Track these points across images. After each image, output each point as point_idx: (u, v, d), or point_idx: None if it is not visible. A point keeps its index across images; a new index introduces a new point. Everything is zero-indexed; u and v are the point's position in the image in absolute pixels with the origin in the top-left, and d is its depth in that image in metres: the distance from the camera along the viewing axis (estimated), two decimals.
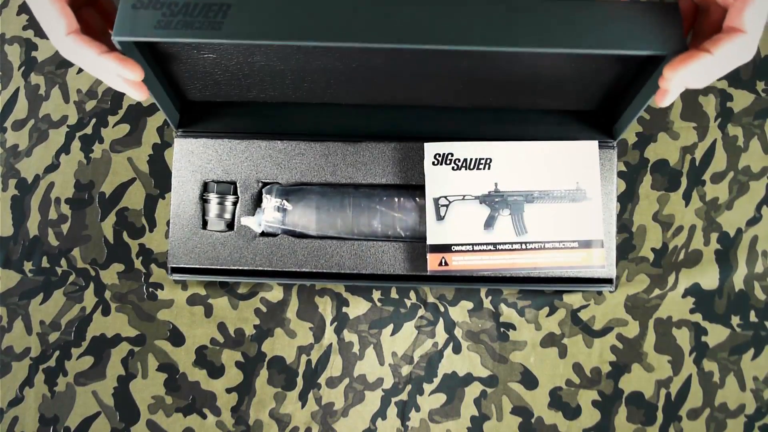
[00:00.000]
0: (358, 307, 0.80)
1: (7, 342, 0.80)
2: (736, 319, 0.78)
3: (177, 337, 0.79)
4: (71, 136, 0.84)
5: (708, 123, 0.82)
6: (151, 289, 0.81)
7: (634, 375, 0.77)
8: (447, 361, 0.78)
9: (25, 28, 0.88)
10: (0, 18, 0.88)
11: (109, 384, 0.79)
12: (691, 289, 0.79)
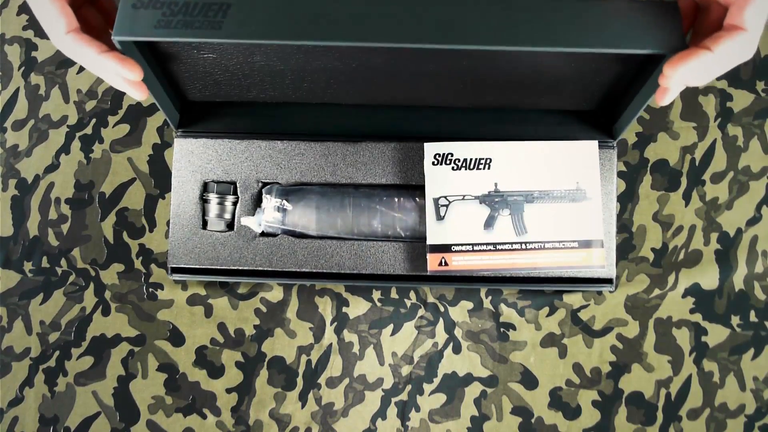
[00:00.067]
0: (358, 307, 0.80)
1: (7, 342, 0.80)
2: (736, 319, 0.78)
3: (177, 337, 0.79)
4: (71, 136, 0.84)
5: (708, 123, 0.82)
6: (151, 289, 0.81)
7: (634, 375, 0.77)
8: (447, 361, 0.78)
9: (25, 28, 0.88)
10: (0, 18, 0.88)
11: (109, 384, 0.79)
12: (691, 289, 0.79)
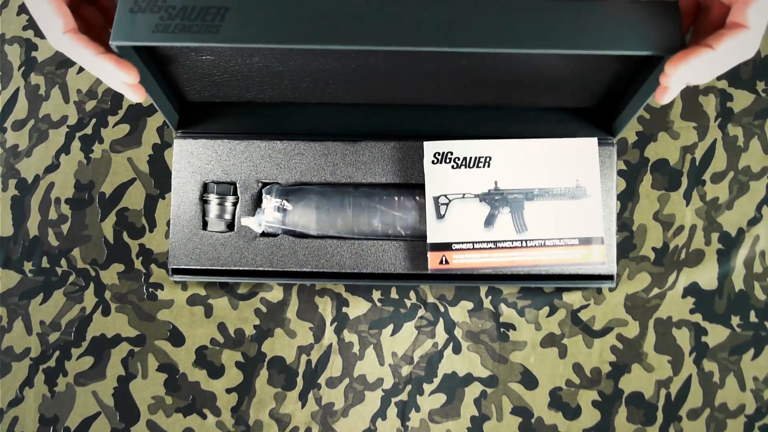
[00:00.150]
0: (358, 307, 0.80)
1: (7, 342, 0.80)
2: (736, 319, 0.78)
3: (177, 337, 0.79)
4: (71, 136, 0.84)
5: (708, 123, 0.82)
6: (151, 290, 0.81)
7: (634, 375, 0.77)
8: (447, 362, 0.78)
9: (25, 28, 0.88)
10: (0, 18, 0.88)
11: (109, 384, 0.79)
12: (691, 289, 0.79)
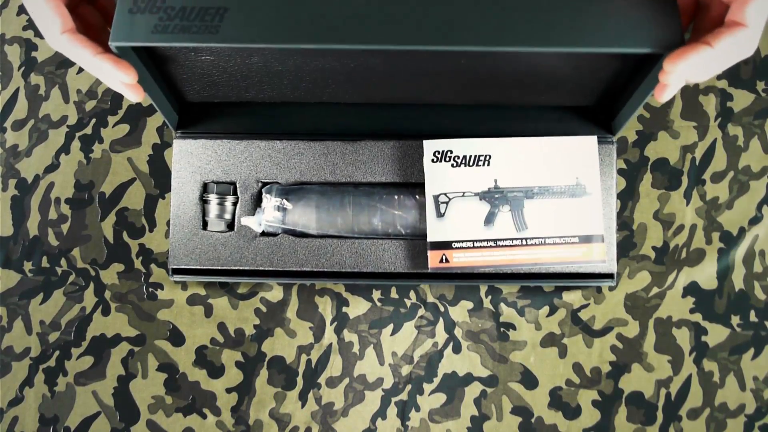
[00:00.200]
0: (358, 306, 0.80)
1: (7, 342, 0.80)
2: (736, 319, 0.78)
3: (177, 337, 0.79)
4: (71, 136, 0.84)
5: (708, 122, 0.82)
6: (151, 289, 0.80)
7: (634, 375, 0.77)
8: (447, 361, 0.78)
9: (25, 28, 0.88)
10: (0, 18, 0.88)
11: (109, 384, 0.79)
12: (691, 289, 0.78)
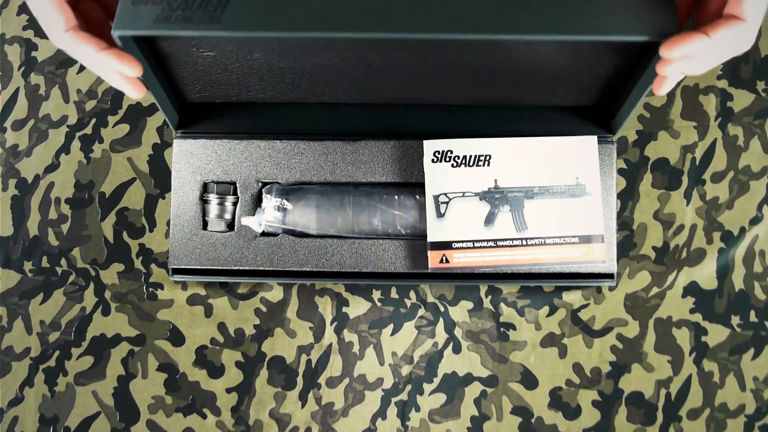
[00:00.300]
0: (358, 307, 0.80)
1: (7, 342, 0.80)
2: (736, 319, 0.78)
3: (177, 337, 0.79)
4: (71, 136, 0.84)
5: (708, 122, 0.82)
6: (151, 289, 0.80)
7: (634, 375, 0.77)
8: (447, 361, 0.78)
9: (25, 28, 0.88)
10: (0, 18, 0.88)
11: (109, 384, 0.79)
12: (691, 289, 0.78)
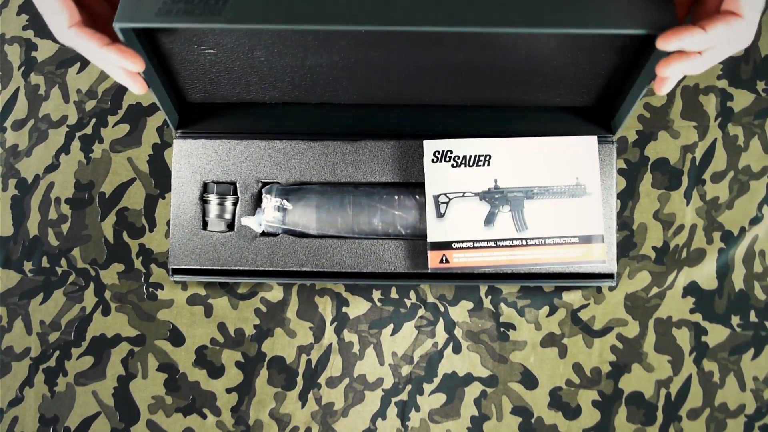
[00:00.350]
0: (358, 307, 0.80)
1: (7, 342, 0.80)
2: (736, 319, 0.78)
3: (177, 337, 0.79)
4: (71, 136, 0.84)
5: (708, 122, 0.82)
6: (151, 289, 0.80)
7: (634, 375, 0.77)
8: (447, 361, 0.78)
9: (25, 28, 0.88)
10: (0, 18, 0.88)
11: (109, 384, 0.79)
12: (691, 289, 0.78)
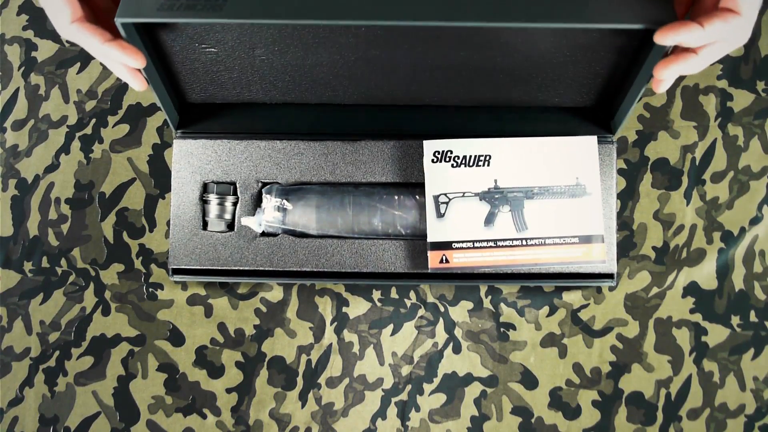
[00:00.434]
0: (358, 307, 0.80)
1: (7, 342, 0.80)
2: (736, 319, 0.78)
3: (177, 337, 0.79)
4: (71, 136, 0.84)
5: (708, 122, 0.82)
6: (151, 289, 0.80)
7: (634, 375, 0.77)
8: (447, 361, 0.78)
9: (25, 28, 0.88)
10: (0, 18, 0.88)
11: (109, 384, 0.79)
12: (691, 289, 0.78)
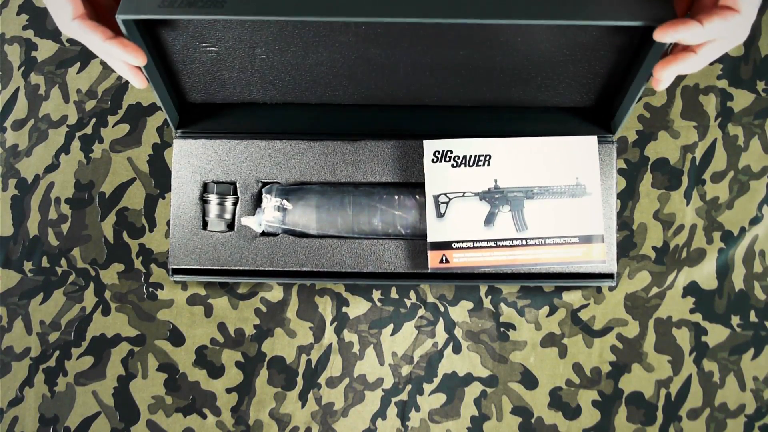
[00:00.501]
0: (358, 307, 0.80)
1: (7, 342, 0.80)
2: (736, 319, 0.78)
3: (177, 337, 0.79)
4: (71, 136, 0.84)
5: (708, 122, 0.82)
6: (151, 289, 0.80)
7: (634, 375, 0.77)
8: (447, 361, 0.78)
9: (25, 28, 0.88)
10: (0, 18, 0.88)
11: (109, 384, 0.79)
12: (691, 289, 0.78)
